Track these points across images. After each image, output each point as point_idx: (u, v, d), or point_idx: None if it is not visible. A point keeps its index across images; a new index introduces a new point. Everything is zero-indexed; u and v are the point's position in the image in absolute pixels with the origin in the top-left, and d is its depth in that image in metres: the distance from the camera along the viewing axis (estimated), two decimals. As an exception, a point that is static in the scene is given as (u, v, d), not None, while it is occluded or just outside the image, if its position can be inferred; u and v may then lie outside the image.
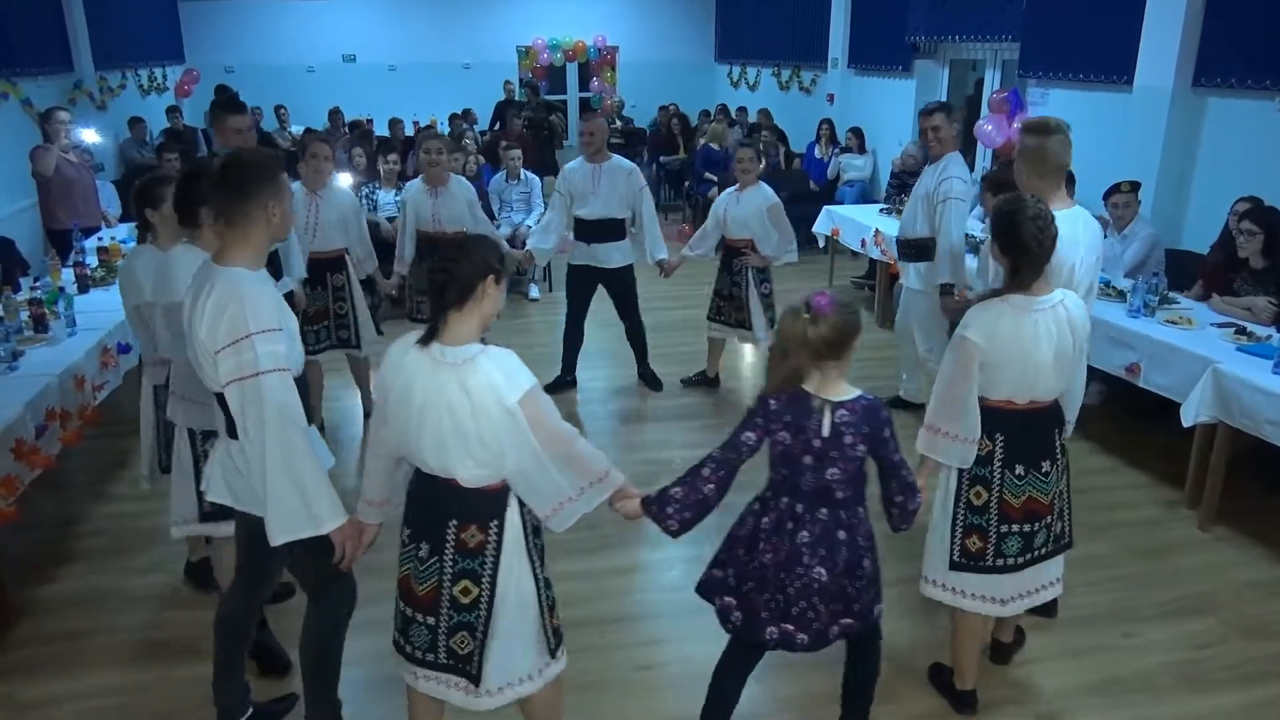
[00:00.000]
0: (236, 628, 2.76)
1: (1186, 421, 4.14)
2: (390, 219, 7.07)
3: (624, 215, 5.43)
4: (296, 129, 11.51)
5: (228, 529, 2.87)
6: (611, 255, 5.43)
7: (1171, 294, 4.95)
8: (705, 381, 5.89)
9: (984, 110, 8.09)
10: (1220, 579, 3.83)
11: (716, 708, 2.64)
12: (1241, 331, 4.41)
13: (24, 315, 4.34)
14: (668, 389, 5.86)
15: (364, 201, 7.35)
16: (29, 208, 7.17)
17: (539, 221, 6.01)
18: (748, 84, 13.80)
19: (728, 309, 5.63)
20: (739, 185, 5.42)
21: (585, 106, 14.32)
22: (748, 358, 6.48)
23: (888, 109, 9.84)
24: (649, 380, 5.85)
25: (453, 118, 11.46)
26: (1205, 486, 4.19)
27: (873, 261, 7.49)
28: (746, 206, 5.34)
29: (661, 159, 11.98)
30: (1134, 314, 4.68)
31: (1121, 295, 4.91)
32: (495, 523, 2.26)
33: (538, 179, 8.33)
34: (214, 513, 2.93)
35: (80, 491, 4.51)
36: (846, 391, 2.37)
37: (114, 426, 4.94)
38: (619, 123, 13.99)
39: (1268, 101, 5.50)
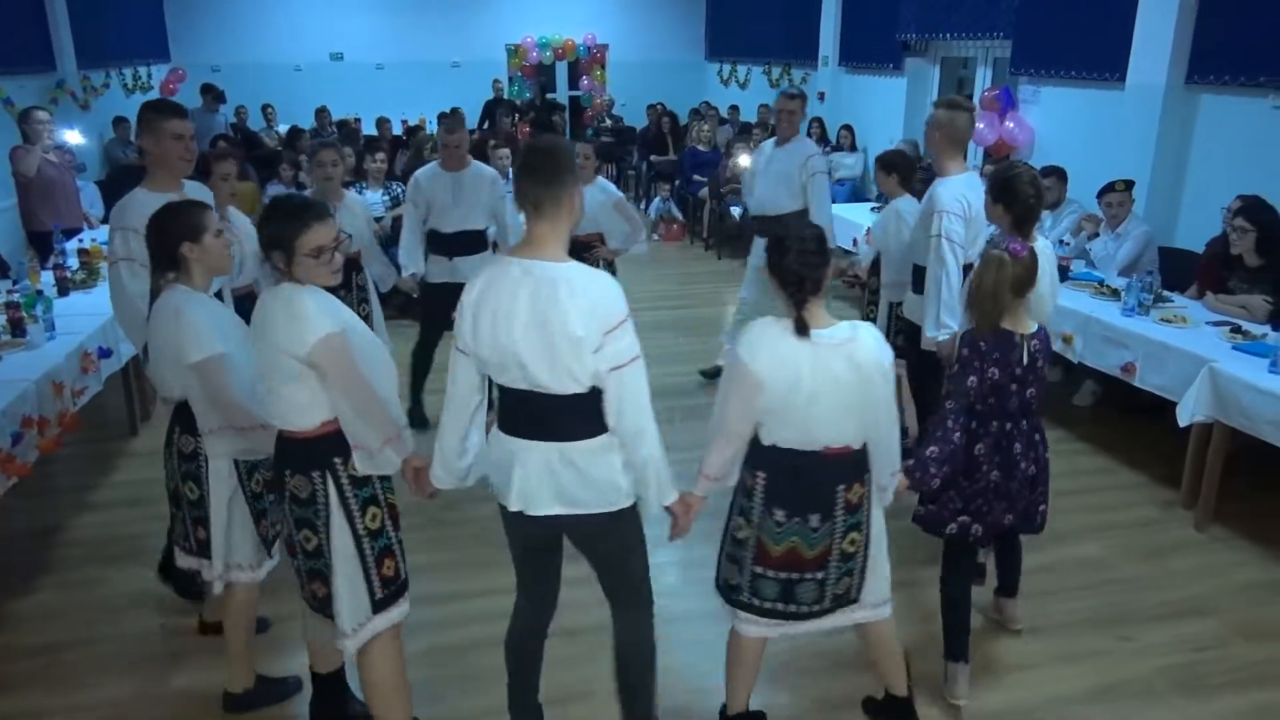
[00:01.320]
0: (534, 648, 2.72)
1: (1183, 421, 4.11)
2: (378, 219, 6.99)
3: (486, 225, 5.07)
4: (283, 128, 11.41)
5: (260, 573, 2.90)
6: (463, 269, 4.97)
7: (1166, 293, 4.92)
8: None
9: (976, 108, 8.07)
10: (1218, 580, 3.79)
11: (962, 626, 3.04)
12: (1237, 330, 4.38)
13: (1, 319, 4.25)
14: (686, 386, 5.77)
15: (351, 202, 7.28)
16: (9, 208, 7.07)
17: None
18: (738, 82, 13.75)
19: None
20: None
21: (534, 106, 14.21)
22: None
23: (879, 107, 9.80)
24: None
25: (442, 116, 11.36)
26: (1201, 487, 4.16)
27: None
28: (590, 203, 5.19)
29: (652, 158, 11.92)
30: (1128, 313, 4.65)
31: (1116, 294, 4.87)
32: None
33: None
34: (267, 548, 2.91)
35: (60, 500, 4.42)
36: (1031, 325, 2.84)
37: (94, 433, 4.86)
38: (609, 121, 13.95)
39: (1262, 99, 5.47)
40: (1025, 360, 2.81)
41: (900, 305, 4.33)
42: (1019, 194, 3.28)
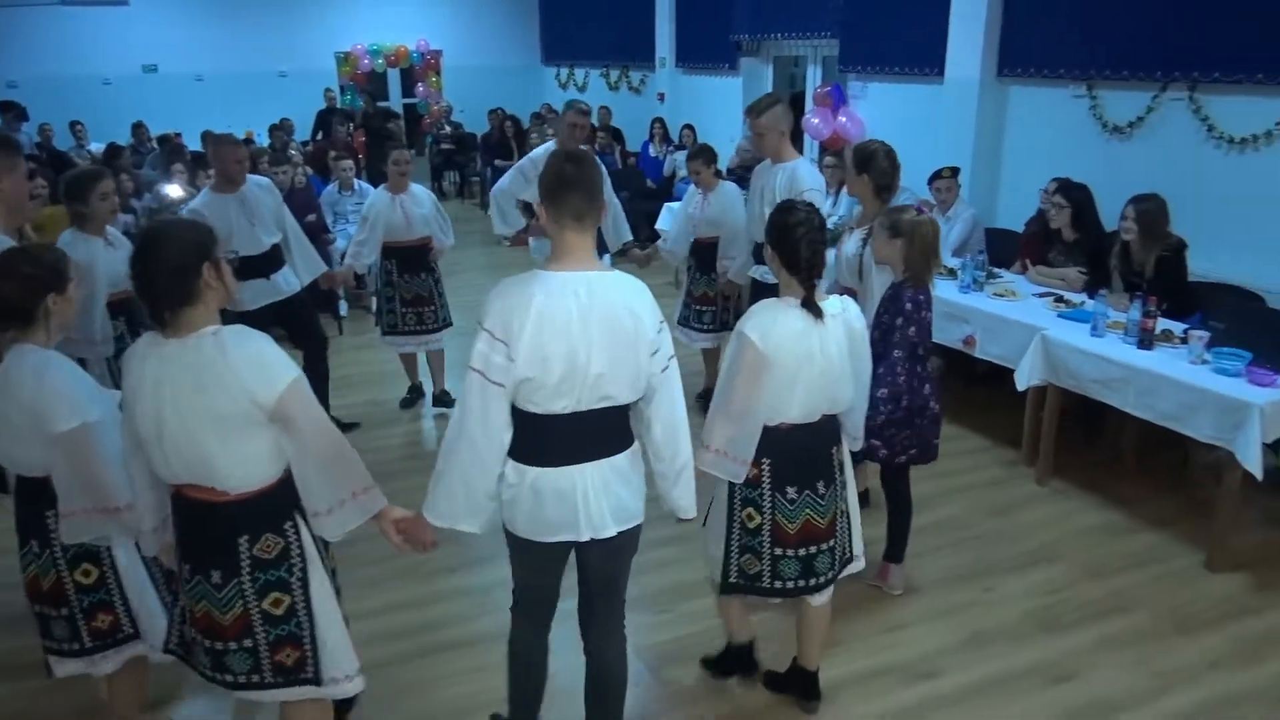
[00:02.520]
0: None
1: (1021, 385, 4.47)
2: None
3: (277, 238, 4.80)
4: (96, 146, 10.64)
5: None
6: (284, 282, 4.83)
7: (995, 269, 5.32)
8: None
9: (809, 105, 8.46)
10: (1062, 528, 4.15)
11: (907, 529, 3.63)
12: (1059, 300, 4.80)
13: None
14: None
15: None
16: None
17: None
18: (576, 85, 13.84)
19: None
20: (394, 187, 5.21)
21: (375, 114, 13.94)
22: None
23: (717, 106, 10.10)
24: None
25: (273, 129, 10.92)
26: (1040, 445, 4.54)
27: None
28: (424, 208, 5.28)
29: (497, 163, 11.83)
30: (965, 290, 5.00)
31: (953, 273, 5.23)
32: None
33: (373, 188, 8.02)
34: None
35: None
36: None
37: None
38: (448, 128, 13.75)
39: (1063, 89, 6.00)
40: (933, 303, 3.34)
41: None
42: (878, 166, 3.75)
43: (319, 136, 12.24)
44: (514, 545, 2.41)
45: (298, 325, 4.95)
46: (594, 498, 2.28)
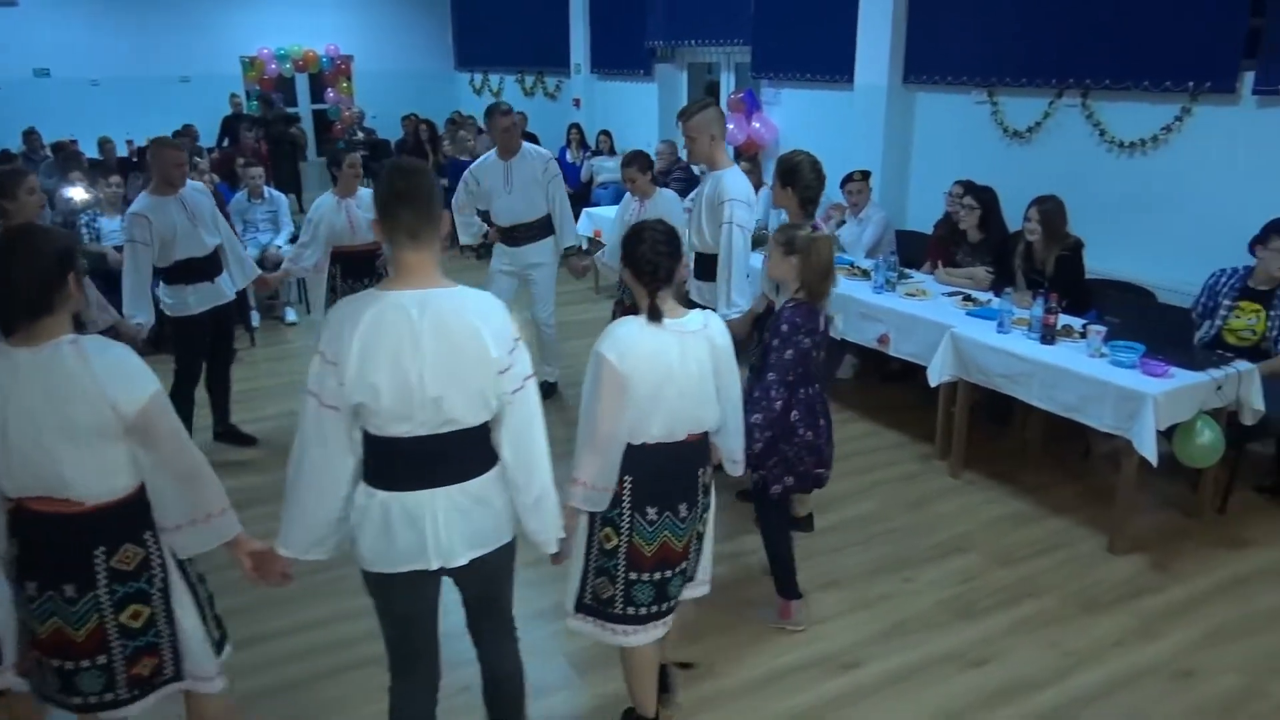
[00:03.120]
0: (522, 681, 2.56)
1: (933, 382, 4.61)
2: (117, 248, 6.40)
3: (219, 240, 4.77)
4: (-16, 153, 10.12)
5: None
6: (226, 286, 4.84)
7: (906, 270, 5.48)
8: None
9: (724, 110, 8.58)
10: (974, 518, 4.30)
11: (791, 568, 3.42)
12: (968, 298, 4.97)
13: None
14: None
15: (84, 230, 6.63)
16: None
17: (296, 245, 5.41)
18: (491, 91, 13.74)
19: None
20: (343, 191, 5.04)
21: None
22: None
23: (634, 111, 10.16)
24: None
25: (176, 135, 10.55)
26: (952, 439, 4.69)
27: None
28: (367, 210, 5.05)
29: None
30: (878, 290, 5.14)
31: (866, 274, 5.37)
32: None
33: (284, 197, 7.88)
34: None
35: None
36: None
37: None
38: (361, 134, 13.51)
39: (965, 95, 6.22)
40: (823, 327, 3.17)
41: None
42: (804, 179, 3.71)
43: (225, 143, 11.89)
44: (371, 589, 2.27)
45: (223, 332, 4.92)
46: (444, 524, 2.16)
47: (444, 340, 2.06)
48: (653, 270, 2.45)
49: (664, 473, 2.52)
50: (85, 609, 2.11)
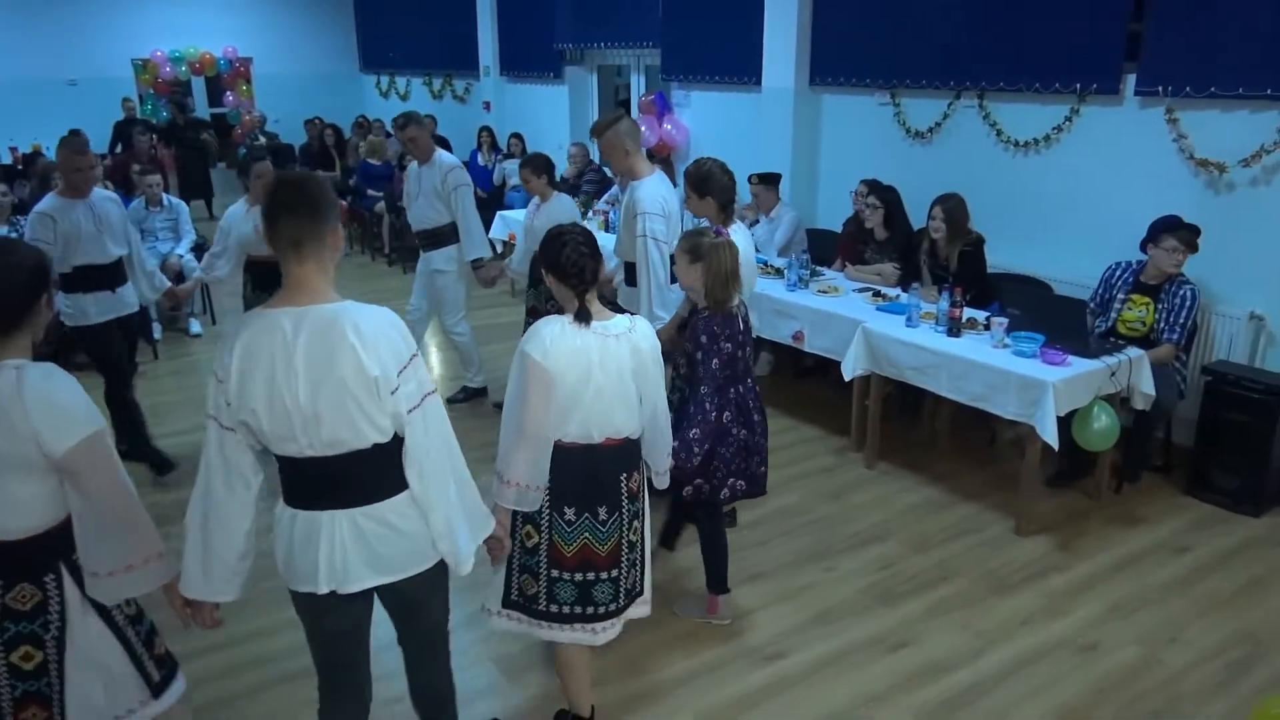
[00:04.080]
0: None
1: (847, 376, 4.74)
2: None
3: (126, 251, 4.61)
4: None
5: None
6: (129, 297, 4.68)
7: (818, 267, 5.62)
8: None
9: (634, 112, 8.63)
10: (890, 507, 4.43)
11: (724, 562, 3.50)
12: (877, 294, 5.12)
13: None
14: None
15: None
16: None
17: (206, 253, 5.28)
18: (398, 94, 13.54)
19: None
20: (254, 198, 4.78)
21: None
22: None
23: (545, 114, 10.14)
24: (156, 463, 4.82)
25: (63, 141, 10.07)
26: (867, 431, 4.83)
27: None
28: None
29: (318, 174, 11.40)
30: (792, 288, 5.26)
31: (779, 272, 5.48)
32: None
33: (184, 204, 7.61)
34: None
35: None
36: (735, 297, 3.14)
37: None
38: (263, 139, 13.14)
39: (869, 97, 6.40)
40: (742, 327, 3.18)
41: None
42: (719, 184, 3.75)
43: (118, 149, 11.42)
44: (295, 605, 2.23)
45: (125, 346, 4.80)
46: (339, 547, 2.08)
47: (316, 359, 1.98)
48: (579, 273, 2.47)
49: (581, 474, 2.52)
50: None
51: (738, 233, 3.70)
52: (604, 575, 2.59)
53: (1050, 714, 3.04)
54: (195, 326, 7.34)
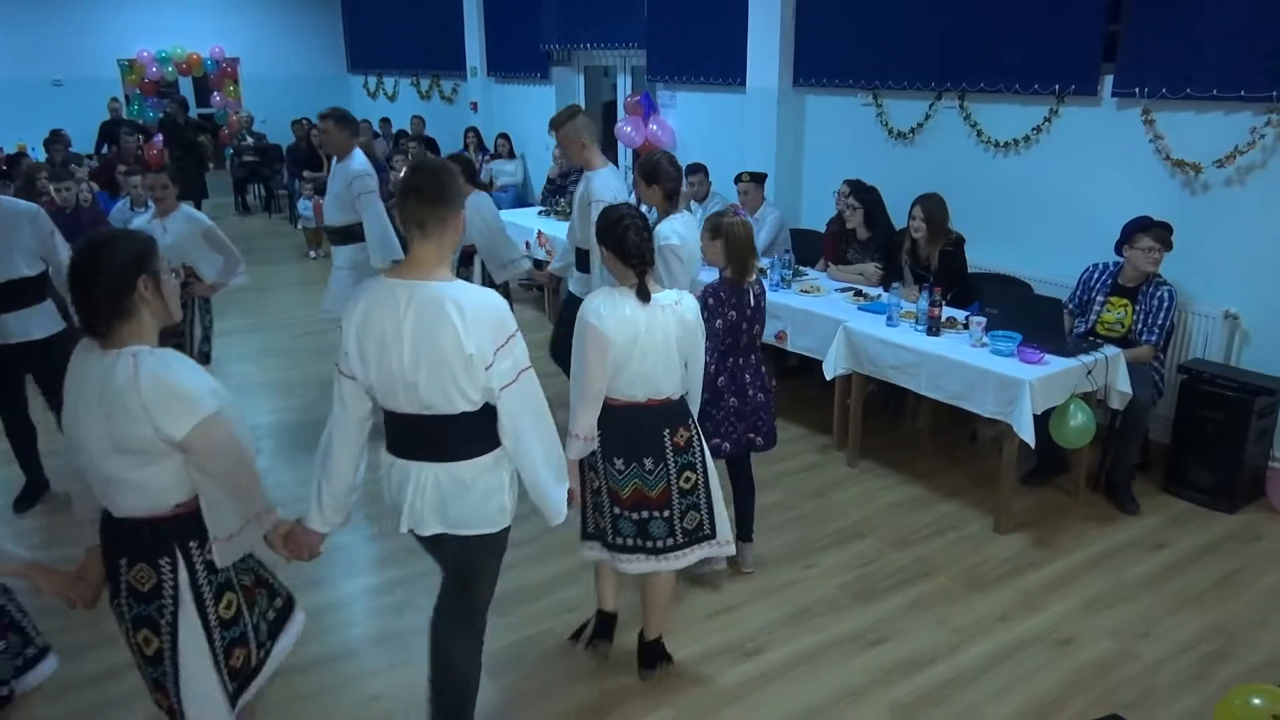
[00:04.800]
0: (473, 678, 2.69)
1: (828, 375, 4.78)
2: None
3: (34, 272, 4.19)
4: None
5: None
6: (30, 325, 4.21)
7: (801, 267, 5.66)
8: None
9: (620, 113, 8.67)
10: (871, 505, 4.48)
11: (748, 501, 3.86)
12: (859, 294, 5.17)
13: None
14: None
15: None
16: None
17: None
18: (386, 94, 13.54)
19: None
20: (160, 211, 4.73)
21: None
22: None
23: (531, 114, 10.14)
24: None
25: (49, 142, 10.07)
26: (849, 429, 4.87)
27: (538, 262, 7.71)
28: (173, 233, 4.62)
29: (305, 174, 11.40)
30: (775, 288, 5.30)
31: (763, 272, 5.50)
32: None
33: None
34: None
35: None
36: (751, 274, 3.54)
37: None
38: (250, 139, 13.12)
39: (852, 97, 6.45)
40: (752, 303, 3.53)
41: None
42: (665, 174, 3.98)
43: (104, 149, 11.40)
44: None
45: (46, 371, 4.26)
46: (417, 495, 2.38)
47: (422, 330, 2.23)
48: (640, 254, 2.78)
49: (628, 430, 2.86)
50: (118, 614, 2.17)
51: (682, 220, 4.02)
52: (657, 514, 2.93)
53: (1025, 707, 3.08)
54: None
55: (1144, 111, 4.84)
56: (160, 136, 11.78)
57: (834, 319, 4.81)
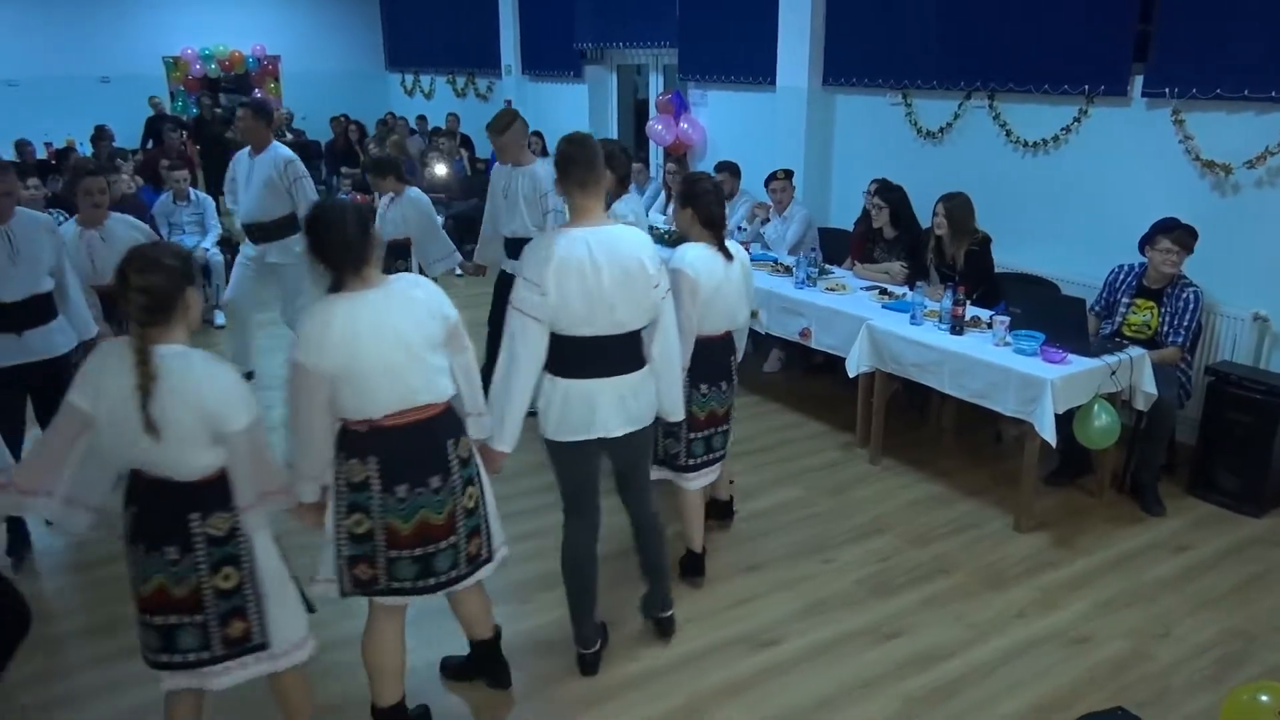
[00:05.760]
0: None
1: (851, 372, 4.80)
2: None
3: (52, 286, 3.95)
4: (-107, 156, 9.79)
5: None
6: (54, 339, 3.95)
7: (828, 266, 5.68)
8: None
9: (652, 112, 8.73)
10: (891, 502, 4.50)
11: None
12: (884, 292, 5.18)
13: None
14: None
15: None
16: None
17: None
18: (423, 92, 13.71)
19: None
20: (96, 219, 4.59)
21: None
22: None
23: (565, 112, 10.23)
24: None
25: (95, 138, 10.35)
26: (871, 427, 4.89)
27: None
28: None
29: (343, 170, 11.61)
30: (800, 285, 5.33)
31: (789, 270, 5.55)
32: None
33: (210, 199, 7.79)
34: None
35: None
36: None
37: None
38: (290, 135, 13.35)
39: (881, 97, 6.46)
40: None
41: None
42: (618, 160, 4.40)
43: (149, 145, 11.67)
44: (552, 452, 3.01)
45: (52, 393, 3.48)
46: (604, 407, 2.89)
47: (615, 261, 2.77)
48: (719, 217, 3.46)
49: (711, 360, 3.48)
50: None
51: (625, 202, 4.63)
52: (723, 428, 3.63)
53: (1037, 702, 3.10)
54: (219, 319, 7.50)
55: (1174, 112, 4.81)
56: (187, 133, 12.03)
57: (858, 317, 4.83)
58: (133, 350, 2.20)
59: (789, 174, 6.26)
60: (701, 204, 3.43)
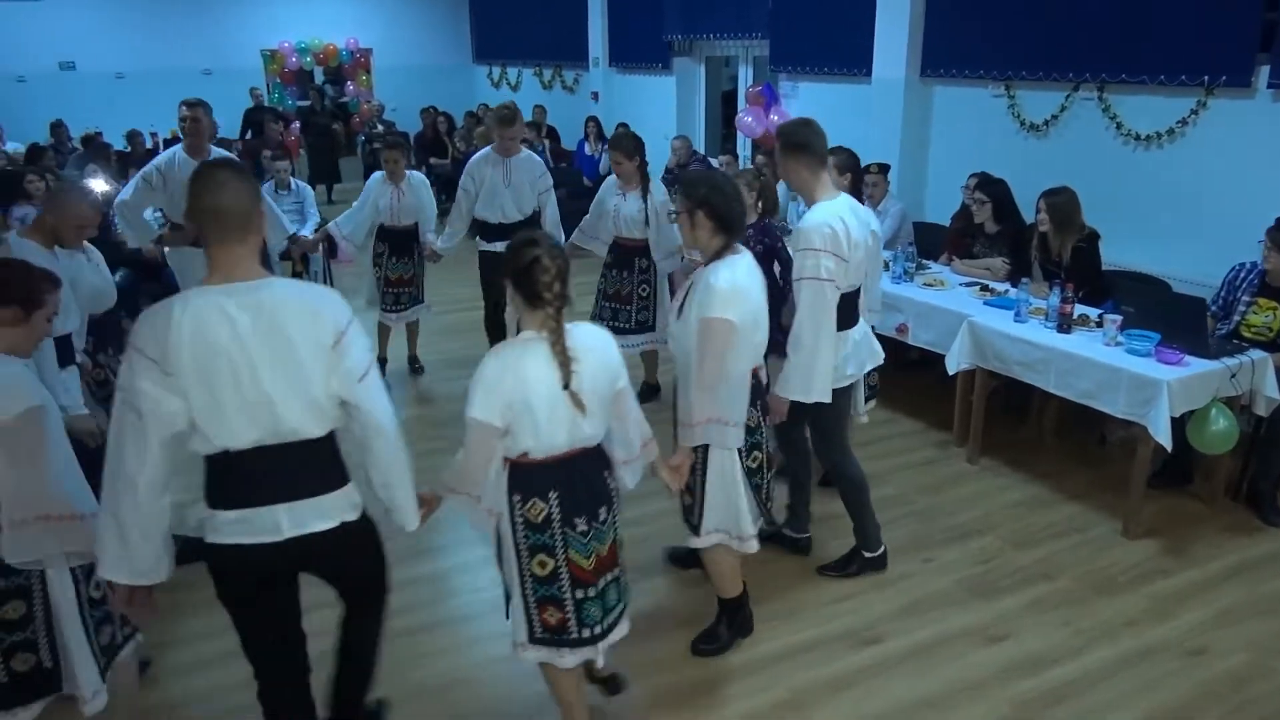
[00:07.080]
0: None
1: (951, 370, 4.71)
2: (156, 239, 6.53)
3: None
4: (14, 146, 10.31)
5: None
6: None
7: (923, 261, 5.57)
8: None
9: (741, 103, 8.67)
10: (991, 503, 4.41)
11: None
12: (985, 288, 5.07)
13: None
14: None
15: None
16: None
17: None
18: (509, 84, 13.87)
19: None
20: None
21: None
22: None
23: (651, 105, 10.26)
24: None
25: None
26: (970, 426, 4.79)
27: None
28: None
29: (431, 161, 11.82)
30: (897, 280, 5.24)
31: (885, 265, 5.46)
32: None
33: (309, 188, 8.00)
34: None
35: None
36: None
37: None
38: (380, 126, 13.65)
39: (983, 89, 6.30)
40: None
41: None
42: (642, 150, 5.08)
43: (248, 136, 12.06)
44: None
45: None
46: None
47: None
48: (742, 220, 3.07)
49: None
50: None
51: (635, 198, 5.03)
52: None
53: (1151, 714, 3.01)
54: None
55: (1303, 104, 4.59)
56: (298, 124, 12.41)
57: (958, 313, 4.74)
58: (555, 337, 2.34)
59: (884, 168, 6.15)
60: (719, 212, 3.01)
